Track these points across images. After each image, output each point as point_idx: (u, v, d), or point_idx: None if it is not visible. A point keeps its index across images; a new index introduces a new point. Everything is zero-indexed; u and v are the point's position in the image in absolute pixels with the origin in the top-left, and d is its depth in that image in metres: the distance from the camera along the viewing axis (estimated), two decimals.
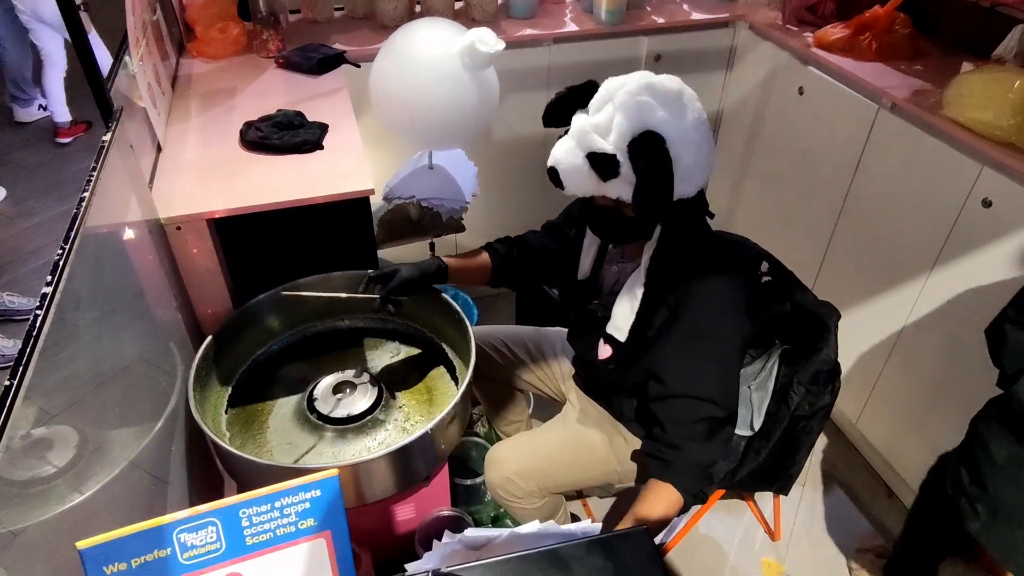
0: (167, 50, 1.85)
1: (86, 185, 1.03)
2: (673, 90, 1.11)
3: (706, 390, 1.20)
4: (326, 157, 1.61)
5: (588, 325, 1.38)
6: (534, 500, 1.45)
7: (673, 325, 1.22)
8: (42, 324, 0.78)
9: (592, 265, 1.39)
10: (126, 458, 1.13)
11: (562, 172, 1.15)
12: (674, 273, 1.23)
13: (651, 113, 1.07)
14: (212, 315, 1.56)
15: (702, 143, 1.12)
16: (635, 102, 1.08)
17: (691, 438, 1.21)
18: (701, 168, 1.13)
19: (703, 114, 1.14)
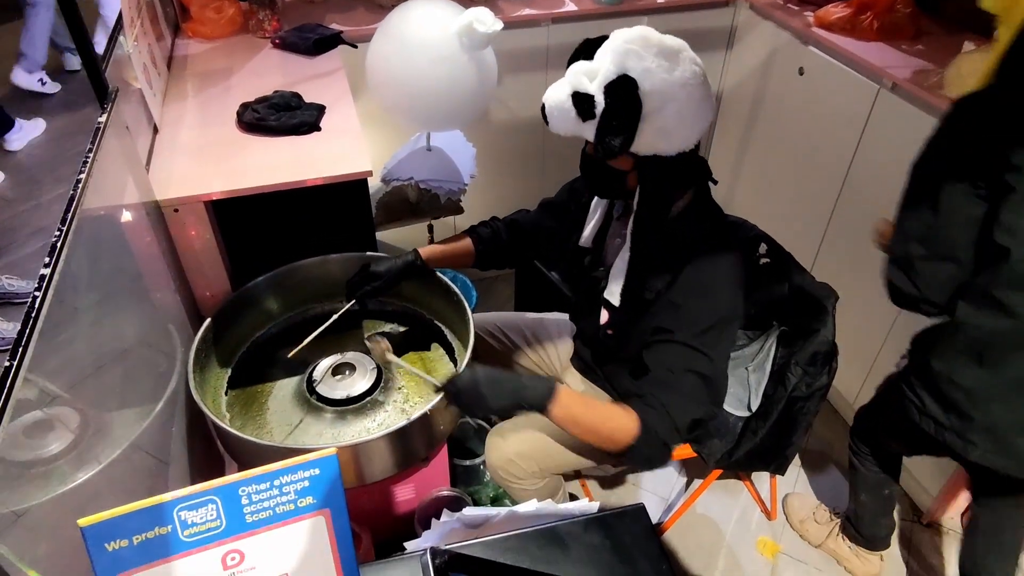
0: (162, 30, 1.83)
1: (82, 167, 1.03)
2: (668, 45, 1.10)
3: (700, 342, 1.18)
4: (323, 139, 1.60)
5: (591, 296, 1.39)
6: (535, 481, 1.46)
7: (672, 286, 1.21)
8: (40, 306, 0.78)
9: (595, 235, 1.39)
10: (127, 439, 1.14)
11: (548, 109, 1.16)
12: (651, 232, 1.23)
13: (635, 60, 1.08)
14: (211, 297, 1.56)
15: (688, 103, 1.10)
16: (624, 48, 1.09)
17: (676, 388, 1.17)
18: (685, 129, 1.12)
19: (699, 79, 1.12)
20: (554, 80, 1.17)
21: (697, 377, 1.18)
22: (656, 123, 1.09)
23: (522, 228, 1.52)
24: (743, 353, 1.62)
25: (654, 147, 1.13)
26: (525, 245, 1.53)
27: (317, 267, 1.57)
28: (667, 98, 1.08)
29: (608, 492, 1.99)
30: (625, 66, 1.08)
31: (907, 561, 1.84)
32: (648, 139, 1.11)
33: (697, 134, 1.14)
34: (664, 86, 1.08)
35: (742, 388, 1.59)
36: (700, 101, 1.12)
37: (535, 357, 1.68)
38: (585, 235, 1.39)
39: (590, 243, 1.39)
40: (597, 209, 1.37)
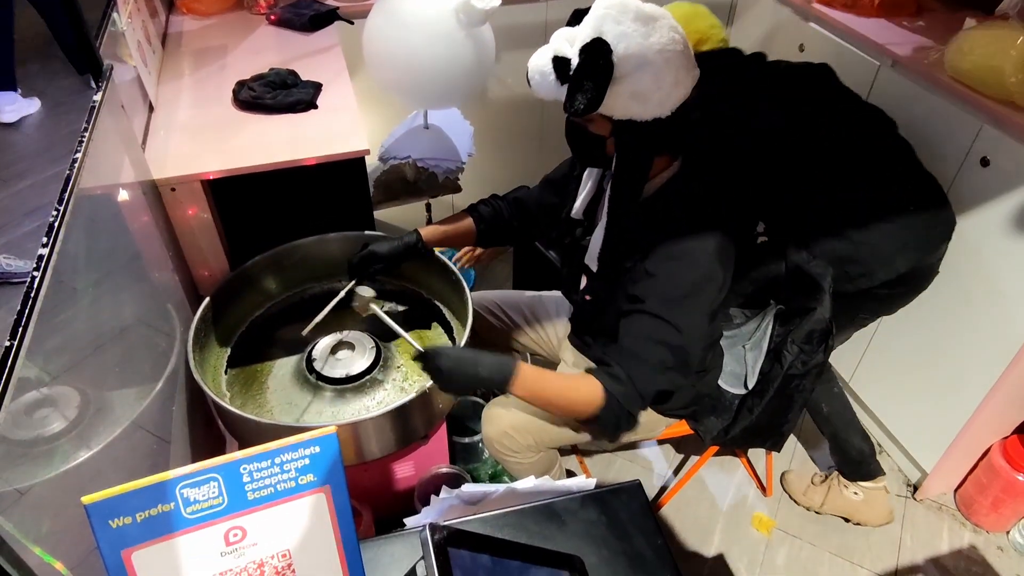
0: (156, 6, 1.81)
1: (78, 146, 1.02)
2: (645, 11, 1.10)
3: (669, 313, 1.18)
4: (320, 117, 1.59)
5: (576, 264, 1.40)
6: (530, 455, 1.47)
7: (648, 255, 1.21)
8: (39, 286, 0.79)
9: (586, 207, 1.39)
10: (128, 418, 1.15)
11: (531, 73, 1.17)
12: (627, 198, 1.23)
13: (611, 24, 1.08)
14: (209, 277, 1.56)
15: (665, 69, 1.10)
16: (602, 13, 1.10)
17: (642, 359, 1.18)
18: (660, 94, 1.11)
19: (678, 46, 1.11)
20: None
21: (665, 348, 1.18)
22: (630, 86, 1.10)
23: (525, 206, 1.52)
24: (740, 331, 1.62)
25: (628, 111, 1.13)
26: (528, 223, 1.53)
27: (315, 246, 1.57)
28: (642, 62, 1.08)
29: (605, 469, 2.01)
30: (601, 30, 1.09)
31: (900, 536, 1.86)
32: (622, 103, 1.11)
33: (674, 101, 1.13)
34: (639, 50, 1.08)
35: (739, 366, 1.60)
36: (678, 68, 1.11)
37: (533, 335, 1.69)
38: (576, 206, 1.39)
39: (581, 214, 1.39)
40: (588, 180, 1.37)
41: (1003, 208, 1.55)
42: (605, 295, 1.33)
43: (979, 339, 1.67)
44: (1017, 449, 1.72)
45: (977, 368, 1.68)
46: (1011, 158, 1.51)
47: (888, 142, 1.58)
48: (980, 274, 1.63)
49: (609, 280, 1.30)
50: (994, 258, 1.59)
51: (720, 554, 1.82)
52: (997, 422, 1.76)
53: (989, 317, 1.62)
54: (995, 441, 1.79)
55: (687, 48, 1.13)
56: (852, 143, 1.55)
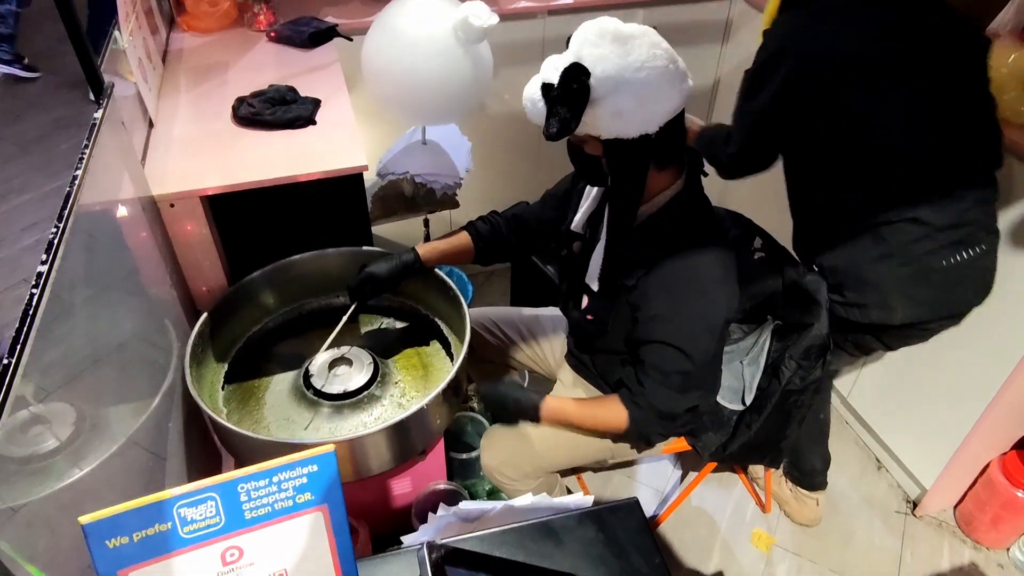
0: (157, 24, 1.82)
1: (78, 163, 1.03)
2: (623, 32, 1.12)
3: (688, 344, 1.23)
4: (319, 133, 1.60)
5: (576, 281, 1.41)
6: (529, 482, 1.47)
7: (657, 281, 1.23)
8: (38, 304, 0.79)
9: (587, 220, 1.40)
10: (124, 435, 1.14)
11: (524, 101, 1.20)
12: (625, 215, 1.25)
13: (589, 48, 1.10)
14: (207, 292, 1.56)
15: (645, 86, 1.11)
16: (581, 38, 1.12)
17: (662, 384, 1.26)
18: (643, 111, 1.12)
19: (659, 61, 1.12)
20: None
21: (679, 376, 1.24)
22: (611, 107, 1.11)
23: (524, 222, 1.52)
24: (738, 347, 1.62)
25: (614, 130, 1.14)
26: (528, 239, 1.54)
27: (313, 262, 1.57)
28: (620, 82, 1.10)
29: (603, 485, 2.00)
30: (580, 55, 1.11)
31: (900, 553, 1.85)
32: (606, 123, 1.13)
33: (660, 116, 1.14)
34: (617, 70, 1.09)
35: (736, 381, 1.59)
36: (660, 83, 1.12)
37: (530, 352, 1.69)
38: (577, 219, 1.39)
39: (581, 228, 1.40)
40: (590, 195, 1.38)
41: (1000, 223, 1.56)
42: (606, 314, 1.33)
43: (976, 355, 1.67)
44: (1016, 465, 1.72)
45: (975, 383, 1.68)
46: (1008, 174, 1.52)
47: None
48: None
49: (611, 299, 1.31)
50: None
51: (719, 572, 1.81)
52: (995, 438, 1.76)
53: (986, 333, 1.63)
54: (994, 457, 1.79)
55: (671, 62, 1.13)
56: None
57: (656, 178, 1.23)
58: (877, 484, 2.02)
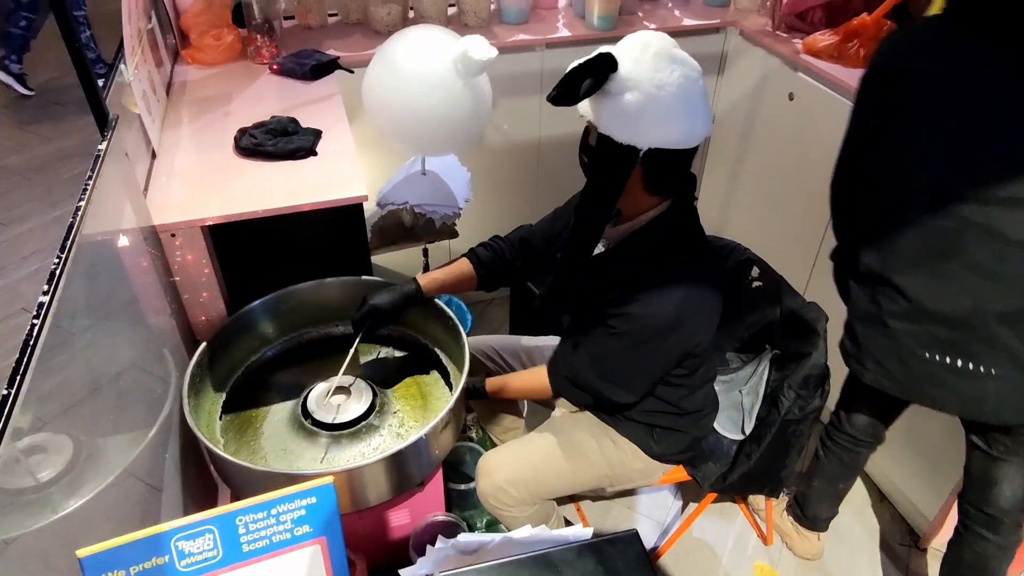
0: (162, 57, 1.85)
1: (82, 193, 1.04)
2: (667, 51, 1.16)
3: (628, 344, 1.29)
4: (320, 163, 1.61)
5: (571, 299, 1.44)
6: (525, 508, 1.45)
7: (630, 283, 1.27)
8: (39, 334, 0.79)
9: None
10: (120, 465, 1.13)
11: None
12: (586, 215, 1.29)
13: (627, 50, 1.15)
14: (206, 322, 1.56)
15: (654, 101, 1.14)
16: (629, 42, 1.17)
17: (588, 360, 1.34)
18: (641, 123, 1.15)
19: (681, 90, 1.15)
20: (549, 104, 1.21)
21: (606, 362, 1.33)
22: (617, 104, 1.14)
23: (530, 244, 1.53)
24: (736, 376, 1.62)
25: (609, 127, 1.17)
26: (534, 260, 1.55)
27: (313, 291, 1.58)
28: (634, 85, 1.13)
29: (603, 516, 1.98)
30: (622, 52, 1.15)
31: None
32: (606, 117, 1.16)
33: (656, 138, 1.16)
34: (638, 76, 1.13)
35: (736, 411, 1.59)
36: (672, 109, 1.14)
37: None
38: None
39: None
40: None
41: None
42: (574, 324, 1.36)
43: None
44: None
45: None
46: None
47: None
48: None
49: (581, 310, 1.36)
50: None
51: None
52: None
53: None
54: None
55: (692, 98, 1.16)
56: None
57: (645, 198, 1.26)
58: (880, 516, 2.00)
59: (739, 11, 2.43)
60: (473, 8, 2.22)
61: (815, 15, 2.22)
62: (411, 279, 1.48)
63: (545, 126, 2.30)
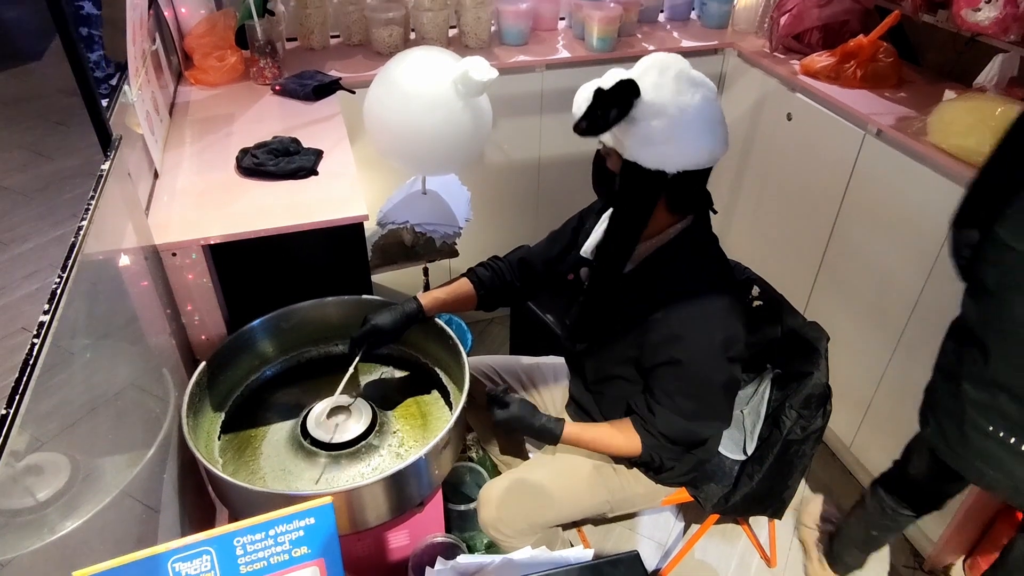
0: (166, 78, 1.87)
1: (84, 213, 1.04)
2: (687, 74, 1.17)
3: (687, 364, 1.25)
4: (321, 183, 1.62)
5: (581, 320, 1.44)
6: (525, 539, 1.44)
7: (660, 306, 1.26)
8: (38, 354, 0.79)
9: (596, 248, 1.41)
10: (117, 486, 1.12)
11: (576, 99, 1.22)
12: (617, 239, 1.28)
13: (653, 75, 1.15)
14: (206, 341, 1.56)
15: (679, 125, 1.14)
16: (649, 63, 1.17)
17: (671, 409, 1.28)
18: (669, 148, 1.15)
19: (703, 112, 1.16)
20: (548, 124, 1.23)
21: (694, 401, 1.27)
22: (643, 130, 1.15)
23: (529, 264, 1.54)
24: (738, 396, 1.62)
25: (636, 154, 1.17)
26: (533, 281, 1.55)
27: (313, 310, 1.58)
28: (659, 111, 1.13)
29: (604, 538, 1.96)
30: (639, 76, 1.16)
31: None
32: (632, 144, 1.16)
33: (682, 161, 1.17)
34: (662, 101, 1.13)
35: (738, 431, 1.58)
36: (696, 132, 1.16)
37: (530, 400, 1.68)
38: (587, 245, 1.41)
39: (590, 254, 1.41)
40: (603, 224, 1.39)
41: None
42: (601, 344, 1.34)
43: None
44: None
45: None
46: None
47: None
48: None
49: (612, 332, 1.33)
50: None
51: None
52: None
53: None
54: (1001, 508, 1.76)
55: (714, 117, 1.18)
56: None
57: (666, 216, 1.27)
58: None
59: (737, 33, 2.46)
60: (474, 30, 2.25)
61: (812, 37, 2.25)
62: (412, 298, 1.48)
63: (545, 146, 2.32)
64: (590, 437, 1.37)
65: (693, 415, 1.28)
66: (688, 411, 1.27)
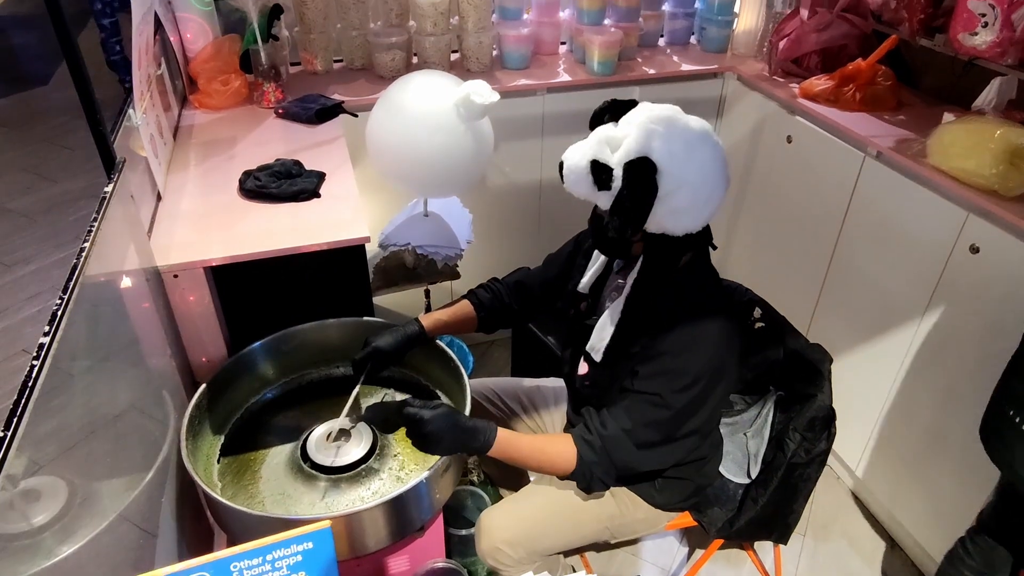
0: (170, 102, 1.89)
1: (86, 235, 1.04)
2: (692, 129, 1.13)
3: (674, 399, 1.20)
4: (323, 205, 1.63)
5: (578, 343, 1.39)
6: (525, 567, 1.42)
7: (657, 344, 1.22)
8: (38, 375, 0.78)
9: (594, 281, 1.40)
10: (115, 510, 1.11)
11: (566, 169, 1.18)
12: (654, 306, 1.24)
13: (659, 142, 1.09)
14: (207, 363, 1.55)
15: (702, 188, 1.12)
16: (649, 128, 1.10)
17: (627, 434, 1.22)
18: (695, 212, 1.14)
19: (718, 164, 1.14)
20: (549, 146, 1.21)
21: (653, 430, 1.22)
22: (669, 204, 1.11)
23: (527, 288, 1.53)
24: (741, 419, 1.60)
25: (663, 226, 1.15)
26: (530, 305, 1.54)
27: (314, 332, 1.57)
28: (682, 182, 1.10)
29: (607, 563, 1.93)
30: (649, 147, 1.09)
31: None
32: (659, 219, 1.13)
33: (706, 217, 1.16)
34: (682, 170, 1.10)
35: (741, 454, 1.57)
36: (715, 185, 1.14)
37: (531, 423, 1.66)
38: (584, 281, 1.40)
39: (587, 289, 1.40)
40: (599, 257, 1.39)
41: (994, 294, 1.57)
42: (606, 382, 1.32)
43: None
44: None
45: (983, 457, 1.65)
46: (1000, 245, 1.55)
47: None
48: (982, 359, 1.63)
49: (612, 367, 1.30)
50: (993, 342, 1.60)
51: None
52: None
53: None
54: None
55: (724, 163, 1.16)
56: None
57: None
58: (891, 563, 1.95)
59: (736, 57, 2.49)
60: (475, 54, 2.28)
61: (811, 60, 2.27)
62: (413, 319, 1.48)
63: (547, 168, 2.33)
64: (525, 444, 1.26)
65: (647, 446, 1.23)
66: (644, 442, 1.22)
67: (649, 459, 1.26)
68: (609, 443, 1.22)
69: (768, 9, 2.39)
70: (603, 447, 1.23)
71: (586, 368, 1.36)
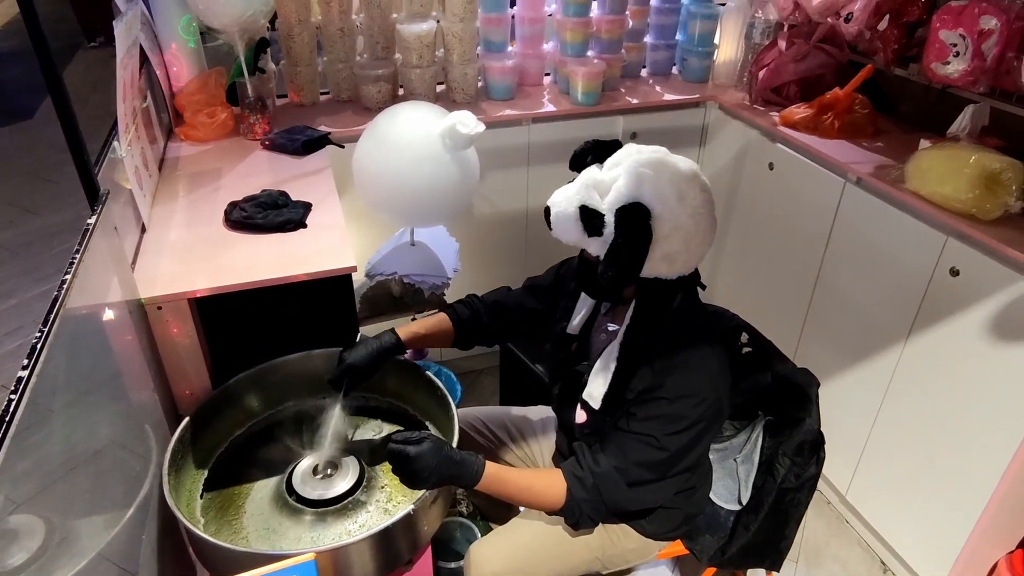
0: (156, 134, 1.89)
1: (68, 267, 1.03)
2: (682, 172, 1.12)
3: (669, 441, 1.19)
4: (309, 235, 1.63)
5: (571, 387, 1.38)
6: None
7: (654, 389, 1.21)
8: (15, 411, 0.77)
9: (583, 324, 1.39)
10: (94, 549, 1.08)
11: (554, 215, 1.16)
12: (648, 349, 1.23)
13: (650, 187, 1.08)
14: (190, 396, 1.53)
15: (695, 232, 1.12)
16: (639, 172, 1.09)
17: (620, 473, 1.20)
18: (688, 255, 1.13)
19: (708, 207, 1.14)
20: (536, 176, 1.21)
21: (645, 470, 1.20)
22: (663, 249, 1.11)
23: (505, 309, 1.52)
24: (731, 444, 1.60)
25: (656, 271, 1.14)
26: (507, 326, 1.53)
27: (300, 363, 1.56)
28: (675, 227, 1.10)
29: None
30: (639, 192, 1.09)
31: None
32: (652, 264, 1.13)
33: (697, 260, 1.17)
34: (673, 215, 1.09)
35: (732, 481, 1.56)
36: (706, 228, 1.14)
37: (519, 452, 1.65)
38: (573, 324, 1.39)
39: (577, 331, 1.40)
40: (587, 300, 1.38)
41: (976, 316, 1.59)
42: (607, 428, 1.30)
43: (972, 448, 1.65)
44: None
45: (973, 480, 1.65)
46: (979, 268, 1.57)
47: None
48: (966, 381, 1.65)
49: (612, 413, 1.29)
50: (976, 364, 1.61)
51: None
52: (1000, 535, 1.71)
53: (979, 425, 1.62)
54: (1001, 556, 1.73)
55: (713, 205, 1.16)
56: None
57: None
58: None
59: (717, 86, 2.54)
60: (461, 85, 2.30)
61: (790, 90, 2.32)
62: (389, 330, 1.46)
63: (532, 197, 2.35)
64: (513, 479, 1.24)
65: (638, 484, 1.21)
66: (636, 480, 1.21)
67: (640, 497, 1.24)
68: (600, 480, 1.21)
69: (747, 40, 2.45)
70: (594, 484, 1.21)
71: (584, 416, 1.33)
